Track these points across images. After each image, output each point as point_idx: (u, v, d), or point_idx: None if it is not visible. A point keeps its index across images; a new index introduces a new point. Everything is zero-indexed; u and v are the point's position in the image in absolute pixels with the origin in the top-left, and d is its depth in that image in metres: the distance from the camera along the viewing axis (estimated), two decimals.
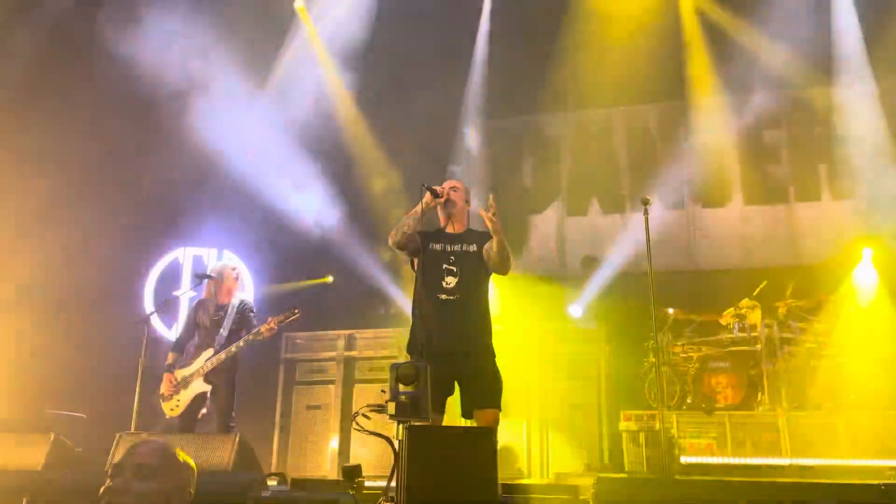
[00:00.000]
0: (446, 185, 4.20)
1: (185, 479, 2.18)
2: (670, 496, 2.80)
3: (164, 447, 2.19)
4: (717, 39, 8.36)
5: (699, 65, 8.46)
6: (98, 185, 7.62)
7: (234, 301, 5.27)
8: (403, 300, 8.82)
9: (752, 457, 5.71)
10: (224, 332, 5.11)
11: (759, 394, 6.15)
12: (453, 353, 3.87)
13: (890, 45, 7.87)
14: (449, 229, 4.18)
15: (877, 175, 8.46)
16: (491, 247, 3.96)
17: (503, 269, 4.02)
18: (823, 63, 8.29)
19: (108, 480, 2.08)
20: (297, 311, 5.03)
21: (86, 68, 7.54)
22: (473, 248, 4.08)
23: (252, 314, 5.29)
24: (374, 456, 6.55)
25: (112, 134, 7.67)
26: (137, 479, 2.07)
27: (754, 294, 6.36)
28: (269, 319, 5.04)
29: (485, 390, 3.88)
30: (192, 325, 5.29)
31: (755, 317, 6.47)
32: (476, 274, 4.03)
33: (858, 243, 8.02)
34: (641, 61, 8.06)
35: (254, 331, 4.99)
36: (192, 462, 2.23)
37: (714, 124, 8.51)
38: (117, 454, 4.22)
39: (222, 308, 5.25)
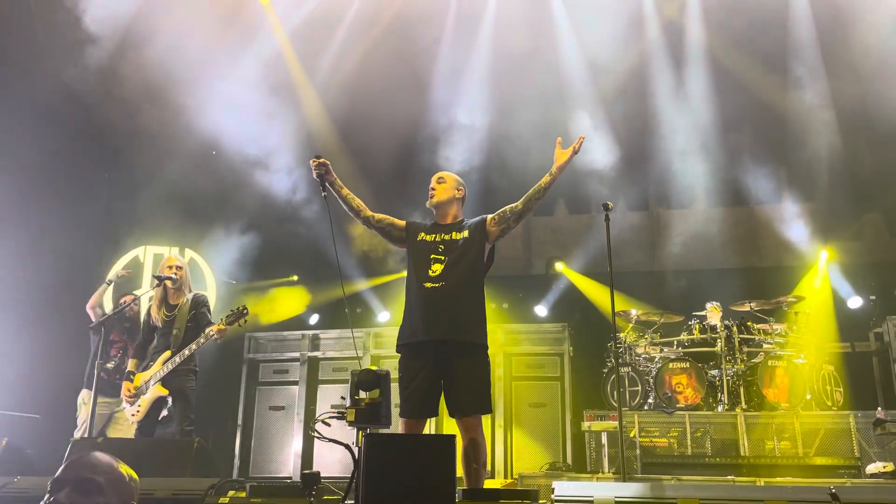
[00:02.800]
0: (436, 183, 4.19)
1: (129, 493, 2.09)
2: (630, 496, 2.82)
3: (107, 461, 2.10)
4: (676, 43, 8.47)
5: (663, 67, 8.55)
6: (54, 182, 7.44)
7: (187, 299, 5.17)
8: (373, 300, 8.81)
9: (712, 455, 5.81)
10: (179, 332, 5.01)
11: (719, 394, 6.25)
12: (438, 343, 3.80)
13: (843, 50, 8.05)
14: (440, 220, 4.16)
15: (833, 178, 8.67)
16: (538, 187, 3.99)
17: (530, 207, 4.02)
18: (781, 67, 8.46)
19: (48, 496, 1.99)
20: (245, 310, 4.96)
21: (38, 60, 7.35)
22: (465, 235, 4.01)
23: (206, 309, 5.20)
24: (337, 458, 6.53)
25: (69, 128, 7.49)
26: (79, 494, 1.98)
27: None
28: (220, 320, 4.95)
29: (469, 394, 3.80)
30: (148, 327, 5.18)
31: (715, 318, 6.58)
32: (466, 262, 3.94)
33: (816, 245, 8.23)
34: (601, 62, 8.14)
35: (206, 336, 4.90)
36: (135, 475, 2.15)
37: (677, 127, 8.61)
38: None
39: (175, 307, 5.15)
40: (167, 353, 4.96)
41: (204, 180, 7.94)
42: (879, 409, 5.95)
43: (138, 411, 4.94)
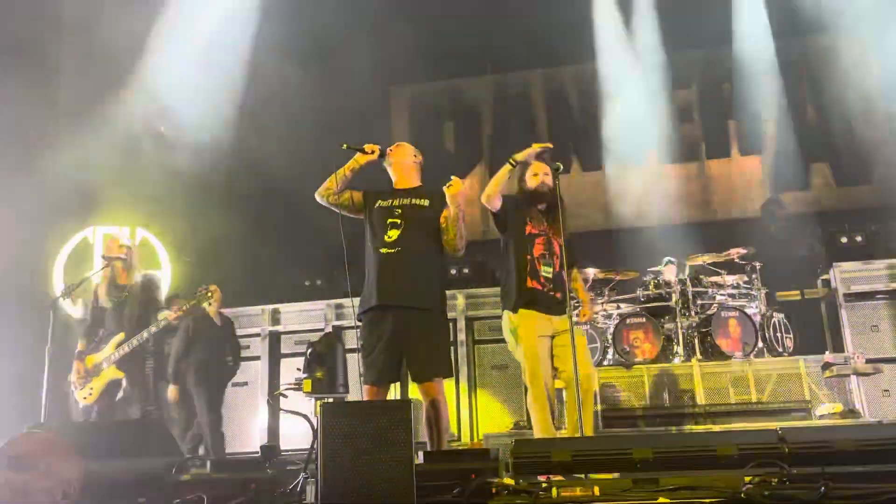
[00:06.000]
0: (394, 146, 4.17)
1: (70, 472, 2.06)
2: (585, 451, 2.89)
3: (45, 439, 2.06)
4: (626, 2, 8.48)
5: (611, 27, 8.57)
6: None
7: (137, 280, 5.08)
8: (338, 270, 8.74)
9: (669, 406, 5.98)
10: (133, 313, 4.94)
11: (675, 346, 6.40)
12: (397, 309, 3.81)
13: (786, 4, 8.16)
14: (398, 185, 4.13)
15: (781, 130, 8.86)
16: (448, 220, 3.92)
17: (454, 246, 3.95)
18: (728, 22, 8.55)
19: None
20: (207, 290, 4.91)
21: None
22: (425, 203, 3.99)
23: (158, 290, 5.13)
24: (303, 430, 6.51)
25: (15, 107, 7.22)
26: (14, 471, 1.95)
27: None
28: (180, 304, 4.90)
29: (429, 359, 3.84)
30: (98, 309, 5.09)
31: (670, 273, 6.71)
32: (423, 228, 3.93)
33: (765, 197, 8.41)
34: (555, 23, 8.10)
35: (162, 319, 4.84)
36: (76, 454, 2.12)
37: (627, 85, 8.66)
38: None
39: (124, 288, 5.06)
40: (121, 336, 4.89)
41: (154, 157, 7.77)
42: (827, 352, 6.17)
43: (90, 394, 4.88)
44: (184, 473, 3.39)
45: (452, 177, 3.87)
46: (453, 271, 8.18)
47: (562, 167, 4.34)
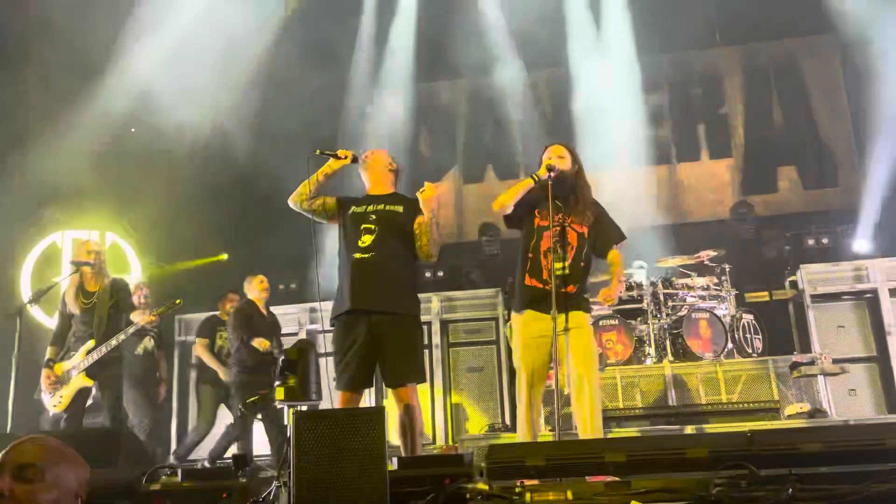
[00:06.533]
0: (368, 152, 4.17)
1: (77, 481, 1.95)
2: (558, 456, 2.91)
3: (51, 445, 1.95)
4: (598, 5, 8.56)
5: (583, 30, 8.65)
6: None
7: (105, 285, 5.01)
8: (312, 274, 8.68)
9: (642, 407, 6.04)
10: (102, 319, 4.86)
11: (647, 348, 6.48)
12: (369, 314, 3.80)
13: (758, 10, 8.30)
14: (372, 191, 4.12)
15: (751, 133, 9.01)
16: (421, 226, 3.91)
17: (427, 252, 3.92)
18: (700, 26, 8.67)
19: None
20: (179, 301, 4.88)
21: None
22: (399, 208, 3.99)
23: (127, 295, 5.06)
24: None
25: None
26: (19, 482, 1.84)
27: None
28: (149, 312, 4.84)
29: (402, 364, 3.83)
30: (66, 316, 5.01)
31: (642, 275, 6.79)
32: (397, 234, 3.93)
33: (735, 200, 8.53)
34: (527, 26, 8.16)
35: (132, 324, 4.78)
36: (83, 461, 2.02)
37: (599, 89, 8.73)
38: None
39: (92, 294, 4.98)
40: (90, 343, 4.81)
41: (124, 160, 7.66)
42: (795, 353, 6.29)
43: (60, 402, 4.80)
44: (154, 482, 3.35)
45: (426, 182, 3.88)
46: (428, 274, 8.20)
47: (556, 167, 4.04)
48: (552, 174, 3.97)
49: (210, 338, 6.54)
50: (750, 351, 6.40)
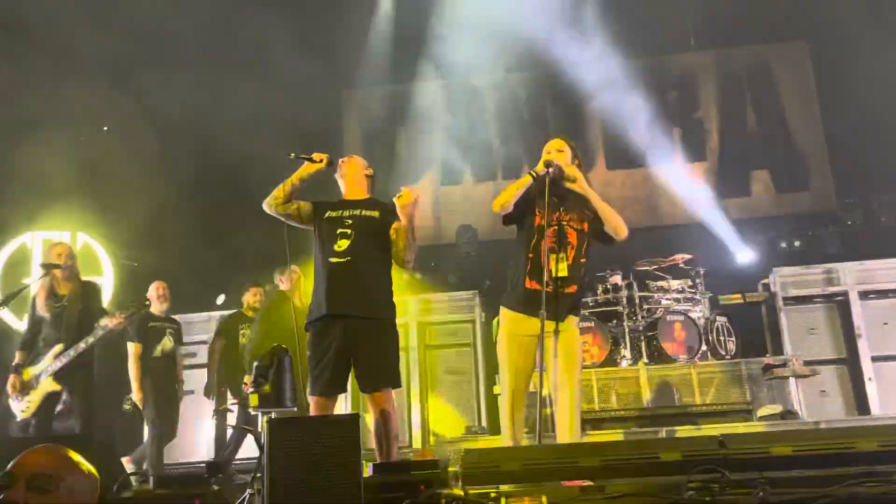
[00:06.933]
0: (345, 158, 4.15)
1: (90, 492, 1.91)
2: (533, 461, 2.92)
3: (64, 455, 1.90)
4: (578, 7, 8.60)
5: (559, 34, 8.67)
6: None
7: (76, 288, 4.92)
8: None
9: (617, 409, 6.09)
10: (71, 323, 4.78)
11: (622, 350, 6.52)
12: (345, 319, 3.78)
13: (732, 16, 8.40)
14: (348, 196, 4.11)
15: (725, 137, 9.12)
16: (398, 232, 3.88)
17: (403, 259, 3.89)
18: (677, 29, 8.76)
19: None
20: (148, 301, 4.81)
21: None
22: (375, 213, 3.98)
23: (98, 298, 4.98)
24: (249, 440, 6.42)
25: None
26: (33, 492, 1.79)
27: None
28: (116, 314, 4.77)
29: (378, 369, 3.82)
30: (36, 319, 4.91)
31: (617, 278, 6.84)
32: (373, 239, 3.91)
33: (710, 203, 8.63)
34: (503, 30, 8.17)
35: (101, 328, 4.70)
36: (94, 471, 1.98)
37: (576, 91, 8.78)
38: None
39: (63, 297, 4.90)
40: (59, 347, 4.73)
41: (97, 160, 7.55)
42: (767, 355, 6.37)
43: (28, 407, 4.71)
44: (126, 490, 3.31)
45: (402, 187, 3.86)
46: (405, 276, 8.17)
47: (554, 164, 3.91)
48: (550, 170, 3.87)
49: (228, 338, 6.29)
50: (723, 353, 6.47)
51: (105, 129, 7.89)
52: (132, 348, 5.92)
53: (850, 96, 8.15)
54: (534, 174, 3.90)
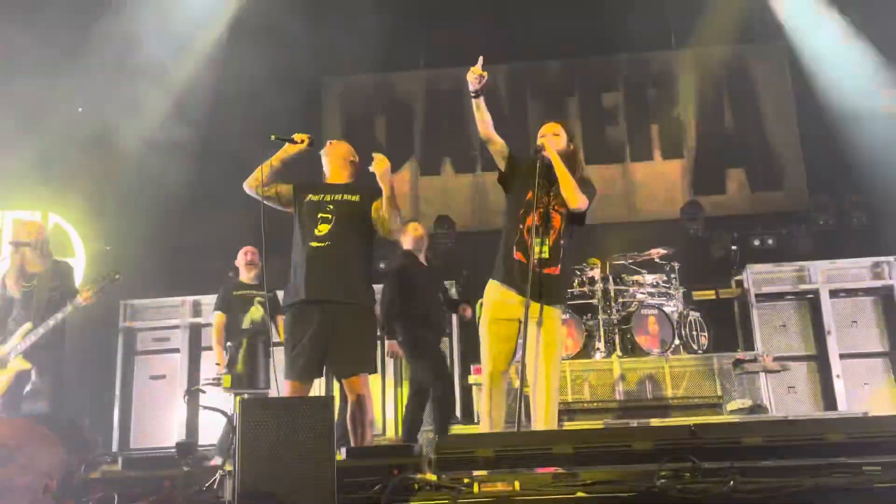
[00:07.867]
0: (332, 140, 4.14)
1: (51, 465, 1.87)
2: (507, 447, 2.94)
3: (23, 426, 1.86)
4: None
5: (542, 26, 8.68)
6: None
7: (47, 268, 4.84)
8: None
9: (590, 401, 6.12)
10: (41, 303, 4.69)
11: (596, 342, 6.56)
12: (322, 304, 3.77)
13: (720, 11, 8.45)
14: (331, 180, 4.08)
15: (702, 135, 9.20)
16: (382, 203, 3.86)
17: (390, 227, 3.89)
18: (658, 27, 8.80)
19: None
20: (117, 275, 4.72)
21: None
22: (356, 198, 3.95)
23: (70, 277, 4.89)
24: (221, 424, 6.38)
25: None
26: None
27: None
28: (86, 289, 4.68)
29: (354, 355, 3.81)
30: (6, 299, 4.82)
31: (594, 271, 6.86)
32: (354, 224, 3.89)
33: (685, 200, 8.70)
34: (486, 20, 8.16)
35: (73, 303, 4.63)
36: (56, 441, 1.94)
37: (556, 86, 8.80)
38: None
39: (33, 276, 4.81)
40: (28, 326, 4.64)
41: (69, 139, 7.41)
42: (739, 350, 6.45)
43: None
44: (93, 471, 3.25)
45: (374, 154, 3.82)
46: (382, 265, 8.13)
47: (543, 146, 3.95)
48: (539, 154, 3.90)
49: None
50: (696, 347, 6.53)
51: (80, 110, 7.74)
52: (216, 318, 5.69)
53: (824, 96, 8.28)
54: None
